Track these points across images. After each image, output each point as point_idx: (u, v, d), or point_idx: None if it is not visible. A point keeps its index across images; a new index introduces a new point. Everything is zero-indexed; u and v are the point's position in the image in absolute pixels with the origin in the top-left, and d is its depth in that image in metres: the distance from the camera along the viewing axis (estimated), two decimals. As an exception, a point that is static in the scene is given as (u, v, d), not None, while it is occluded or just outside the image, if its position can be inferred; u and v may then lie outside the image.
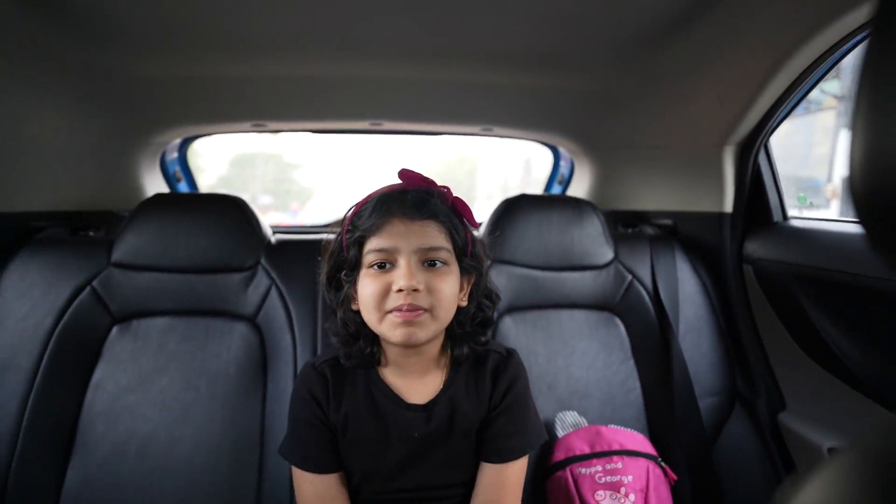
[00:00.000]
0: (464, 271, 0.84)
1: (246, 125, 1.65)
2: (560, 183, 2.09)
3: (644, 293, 1.38)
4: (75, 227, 1.43)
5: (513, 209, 1.39)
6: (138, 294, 1.23)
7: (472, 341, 0.87)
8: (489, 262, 1.33)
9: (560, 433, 1.22)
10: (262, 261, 1.30)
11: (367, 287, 0.78)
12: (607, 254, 1.40)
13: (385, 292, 0.76)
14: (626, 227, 1.71)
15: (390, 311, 0.76)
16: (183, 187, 1.89)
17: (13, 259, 1.20)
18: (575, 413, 1.25)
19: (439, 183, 0.86)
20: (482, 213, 1.47)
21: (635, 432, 1.21)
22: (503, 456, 0.86)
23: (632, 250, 1.43)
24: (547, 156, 2.12)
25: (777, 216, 1.33)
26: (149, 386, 1.18)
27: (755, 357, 1.32)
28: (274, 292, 1.28)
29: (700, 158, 1.44)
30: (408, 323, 0.75)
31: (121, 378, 1.18)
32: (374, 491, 0.87)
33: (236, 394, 1.20)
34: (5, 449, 1.08)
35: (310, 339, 1.24)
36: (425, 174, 0.84)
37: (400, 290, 0.74)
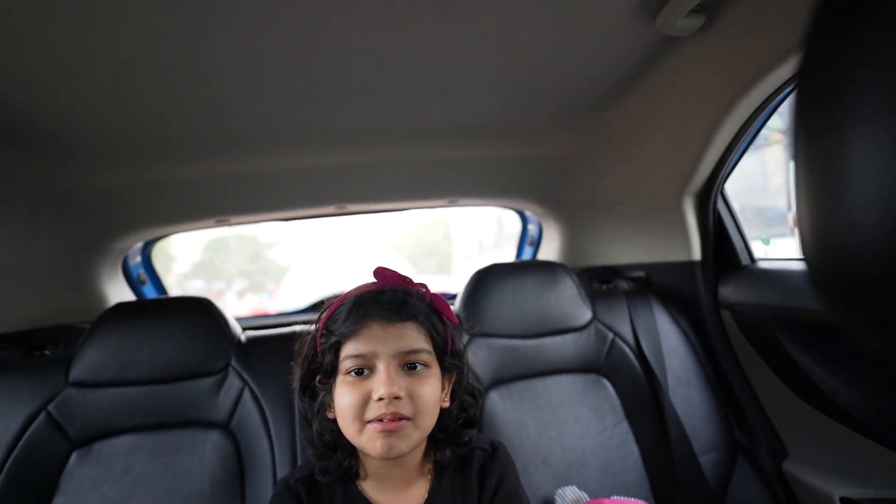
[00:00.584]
0: (444, 370, 0.80)
1: (209, 222, 1.63)
2: (531, 244, 2.11)
3: (627, 350, 1.36)
4: (31, 347, 1.35)
5: (485, 280, 1.37)
6: (100, 413, 1.15)
7: (454, 443, 0.82)
8: (467, 339, 1.31)
9: (562, 512, 1.14)
10: (233, 362, 1.24)
11: (344, 396, 0.73)
12: (585, 314, 1.38)
13: (364, 401, 0.72)
14: (600, 283, 1.71)
15: (370, 422, 0.71)
16: (149, 290, 1.83)
17: None
18: (574, 488, 1.18)
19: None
20: (461, 274, 1.45)
21: (640, 502, 1.14)
22: None
23: (609, 307, 1.42)
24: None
25: (745, 259, 1.35)
26: None
27: (749, 405, 1.29)
28: (247, 394, 1.21)
29: (663, 210, 1.46)
30: (388, 433, 0.70)
31: None
32: None
33: None
34: None
35: (288, 443, 1.17)
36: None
37: (381, 399, 0.70)
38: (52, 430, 1.11)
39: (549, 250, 1.97)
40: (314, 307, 1.99)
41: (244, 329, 1.40)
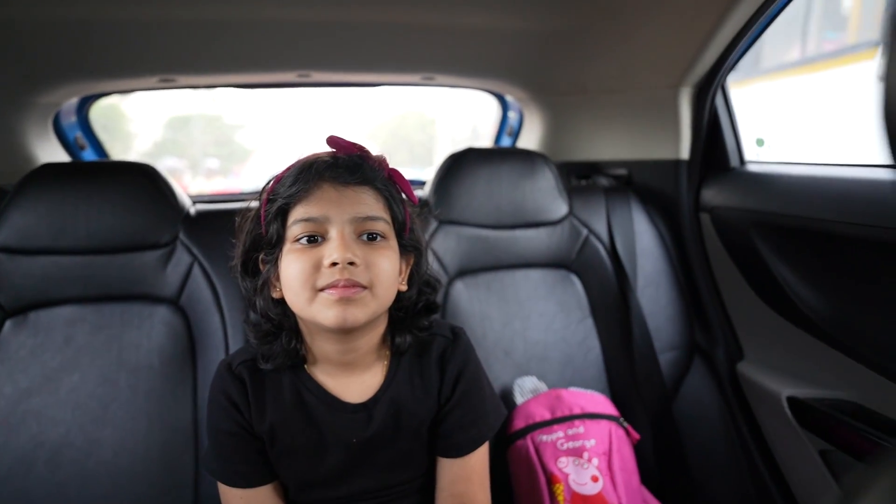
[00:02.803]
0: (403, 250, 0.73)
1: (152, 80, 1.44)
2: (510, 135, 1.98)
3: (601, 248, 1.32)
4: (-49, 208, 1.22)
5: (459, 164, 1.28)
6: (33, 282, 1.07)
7: (414, 327, 0.77)
8: (436, 225, 1.24)
9: (519, 400, 1.16)
10: (181, 235, 1.15)
11: (292, 264, 0.66)
12: (561, 208, 1.32)
13: (315, 268, 0.64)
14: (579, 178, 1.63)
15: (323, 290, 0.64)
16: (89, 155, 1.66)
17: None
18: (534, 378, 1.19)
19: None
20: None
21: (596, 394, 1.17)
22: (463, 449, 0.78)
23: (586, 203, 1.36)
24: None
25: (734, 161, 1.27)
26: (56, 385, 1.04)
27: (712, 308, 1.29)
28: (197, 270, 1.13)
29: (655, 102, 1.36)
30: (345, 301, 0.63)
31: (21, 379, 1.03)
32: (314, 500, 0.78)
33: (162, 386, 1.07)
34: None
35: (241, 320, 1.12)
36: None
37: (334, 265, 0.63)
38: None
39: (529, 141, 1.85)
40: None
41: (195, 204, 1.29)
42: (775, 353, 1.16)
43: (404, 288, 0.75)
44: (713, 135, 1.29)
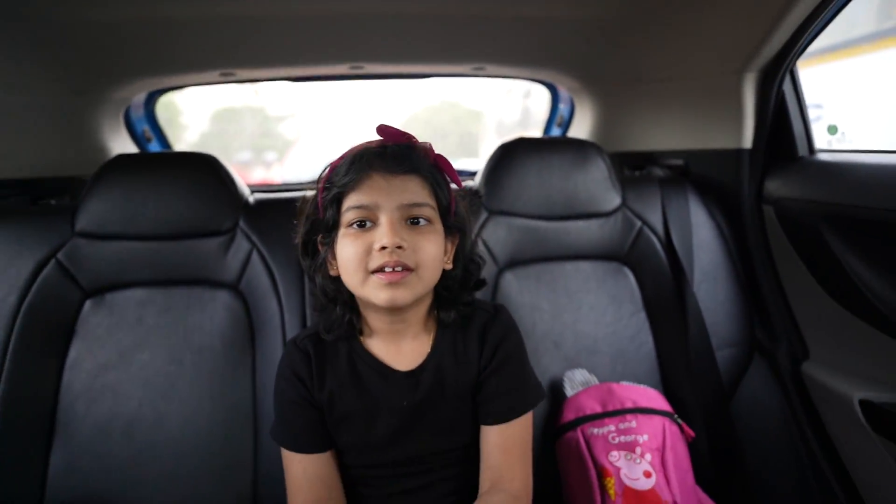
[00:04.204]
0: (447, 231, 0.80)
1: (213, 75, 1.50)
2: (559, 125, 1.95)
3: (655, 240, 1.28)
4: (35, 196, 1.31)
5: (510, 155, 1.27)
6: (109, 265, 1.14)
7: (459, 303, 0.84)
8: (486, 216, 1.24)
9: (569, 392, 1.15)
10: (241, 223, 1.19)
11: (346, 247, 0.74)
12: (614, 199, 1.29)
13: (367, 251, 0.72)
14: (633, 169, 1.59)
15: (374, 272, 0.72)
16: (154, 147, 1.75)
17: None
18: (584, 371, 1.18)
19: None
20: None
21: (649, 388, 1.14)
22: (501, 417, 0.82)
23: (640, 195, 1.32)
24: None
25: (802, 150, 1.21)
26: (129, 362, 1.10)
27: (775, 304, 1.24)
28: (255, 256, 1.18)
29: (716, 89, 1.30)
30: (393, 285, 0.71)
31: (99, 355, 1.10)
32: (367, 464, 0.84)
33: (224, 366, 1.12)
34: None
35: (297, 305, 1.16)
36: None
37: (383, 249, 0.71)
38: (64, 278, 1.11)
39: (580, 131, 1.82)
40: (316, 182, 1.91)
41: (253, 193, 1.34)
42: (845, 353, 1.10)
43: (449, 266, 0.82)
44: (779, 122, 1.22)
